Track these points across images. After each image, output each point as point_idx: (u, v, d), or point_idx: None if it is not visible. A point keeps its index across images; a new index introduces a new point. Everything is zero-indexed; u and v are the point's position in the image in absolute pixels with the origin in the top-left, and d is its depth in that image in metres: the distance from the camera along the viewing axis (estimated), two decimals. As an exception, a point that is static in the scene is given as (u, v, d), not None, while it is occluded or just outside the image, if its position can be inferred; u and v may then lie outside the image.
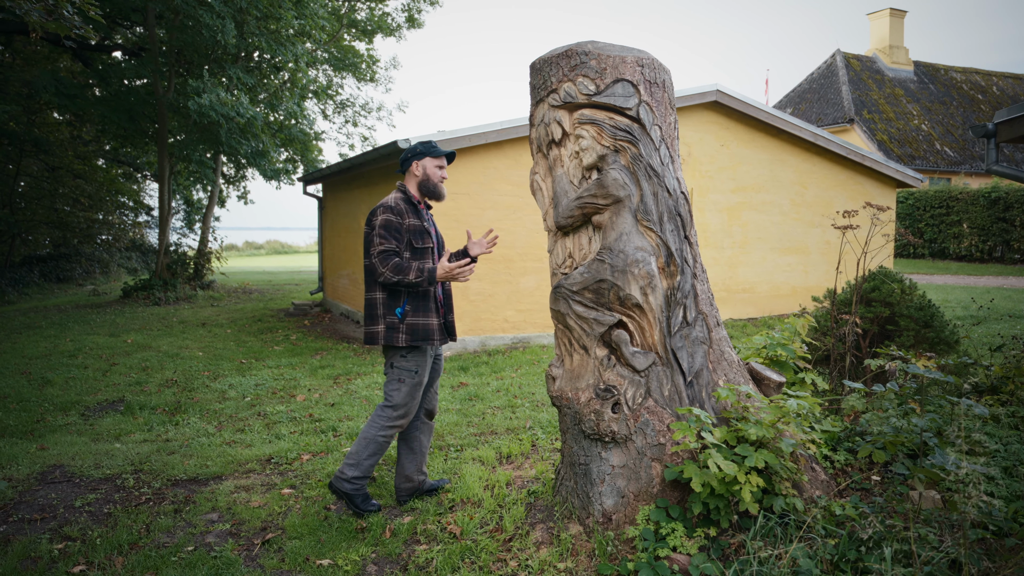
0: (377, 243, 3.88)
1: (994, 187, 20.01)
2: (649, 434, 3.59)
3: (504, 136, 9.25)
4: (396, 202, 4.01)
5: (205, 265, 17.82)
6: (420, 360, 4.00)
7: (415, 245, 3.97)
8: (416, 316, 3.94)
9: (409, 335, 3.92)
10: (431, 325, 3.98)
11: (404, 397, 3.98)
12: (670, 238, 3.71)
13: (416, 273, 3.83)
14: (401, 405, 3.98)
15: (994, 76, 30.86)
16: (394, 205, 3.98)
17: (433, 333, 3.98)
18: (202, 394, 7.25)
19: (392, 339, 3.92)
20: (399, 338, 3.92)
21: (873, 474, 3.90)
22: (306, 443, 5.48)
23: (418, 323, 3.94)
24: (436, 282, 3.89)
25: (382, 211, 3.94)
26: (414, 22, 19.57)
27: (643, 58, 3.82)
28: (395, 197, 4.07)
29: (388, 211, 3.94)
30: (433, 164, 4.13)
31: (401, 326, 3.92)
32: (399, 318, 3.92)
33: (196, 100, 12.22)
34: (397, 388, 3.98)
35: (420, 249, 3.99)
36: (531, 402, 6.49)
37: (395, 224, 3.91)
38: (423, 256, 3.99)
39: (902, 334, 4.70)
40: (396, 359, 3.98)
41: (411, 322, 3.93)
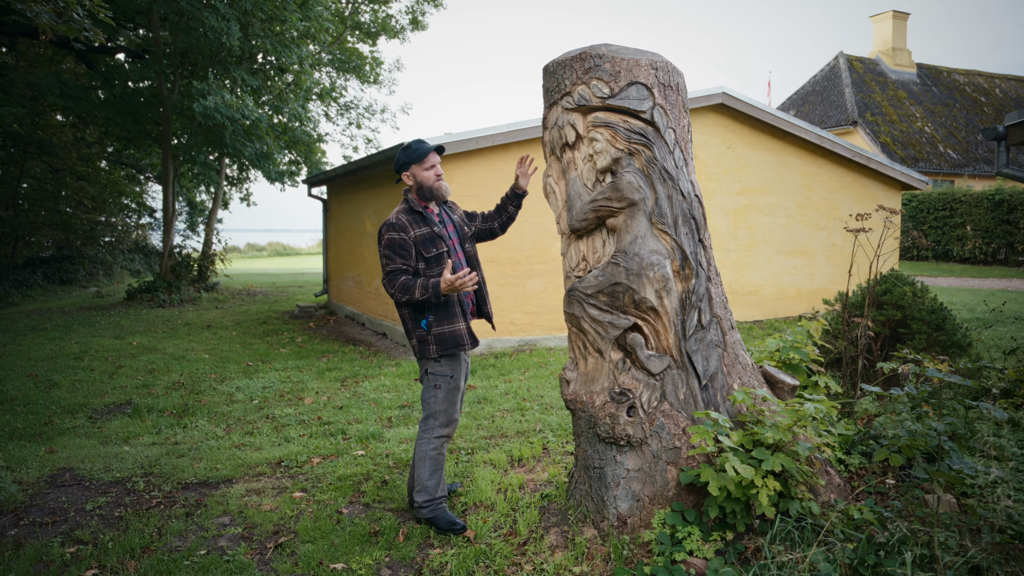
0: (384, 264, 3.86)
1: (998, 189, 19.99)
2: (664, 437, 3.58)
3: (510, 139, 9.24)
4: (398, 217, 3.92)
5: (209, 267, 17.82)
6: (454, 364, 3.97)
7: (425, 255, 3.89)
8: (441, 325, 3.89)
9: (439, 345, 3.89)
10: (458, 331, 3.93)
11: (442, 403, 3.94)
12: (685, 241, 3.70)
13: (421, 290, 3.75)
14: (441, 412, 3.94)
15: (997, 78, 30.85)
16: (396, 221, 3.89)
17: (462, 338, 3.93)
18: (209, 397, 7.24)
19: (425, 351, 3.91)
20: (431, 349, 3.89)
21: (888, 478, 3.89)
22: (316, 446, 5.47)
23: (444, 331, 3.90)
24: (443, 295, 3.79)
25: (386, 230, 3.89)
26: (418, 24, 19.57)
27: (657, 61, 3.81)
28: (398, 211, 3.98)
29: (391, 229, 3.87)
30: (420, 169, 3.98)
31: (429, 337, 3.89)
32: (425, 330, 3.89)
33: (201, 102, 12.22)
34: (434, 395, 3.94)
35: (432, 257, 3.91)
36: (540, 405, 6.48)
37: (398, 241, 3.84)
38: (438, 262, 3.91)
39: (914, 337, 4.69)
40: (430, 365, 3.95)
41: (437, 331, 3.89)
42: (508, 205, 4.38)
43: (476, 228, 4.36)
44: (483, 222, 4.40)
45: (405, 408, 6.57)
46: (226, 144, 14.27)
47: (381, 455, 5.17)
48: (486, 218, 4.42)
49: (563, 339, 9.91)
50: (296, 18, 13.52)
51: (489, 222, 4.41)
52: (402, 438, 5.58)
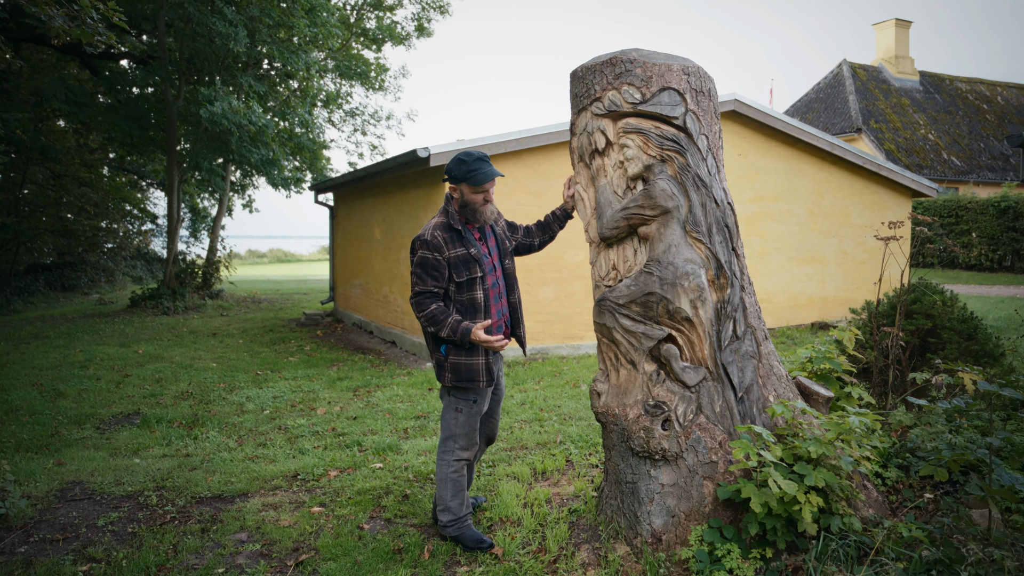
0: (414, 283, 3.67)
1: (1003, 196, 19.93)
2: (700, 451, 3.48)
3: (523, 145, 9.16)
4: (433, 234, 3.67)
5: (213, 274, 17.72)
6: (483, 389, 3.80)
7: (457, 278, 3.67)
8: (459, 355, 3.70)
9: (453, 374, 3.71)
10: (475, 365, 3.70)
11: (463, 427, 3.77)
12: (719, 250, 3.61)
13: (450, 331, 3.58)
14: (460, 435, 3.77)
15: (999, 86, 30.84)
16: (430, 239, 3.65)
17: (478, 374, 3.70)
18: (219, 407, 7.13)
19: (440, 376, 3.76)
20: (446, 376, 3.74)
21: (926, 492, 3.79)
22: (332, 459, 5.36)
23: (461, 363, 3.70)
24: (469, 344, 3.64)
25: (419, 246, 3.67)
26: (424, 30, 19.52)
27: (688, 66, 3.73)
28: (434, 225, 3.73)
29: (424, 247, 3.64)
30: (471, 191, 3.72)
31: (446, 363, 3.72)
32: (443, 355, 3.73)
33: (208, 108, 12.14)
34: (454, 418, 3.77)
35: (464, 282, 3.69)
36: (558, 415, 6.37)
37: (431, 261, 3.63)
38: (470, 287, 3.70)
39: (945, 347, 4.60)
40: (455, 389, 3.79)
41: (455, 361, 3.70)
42: (554, 224, 4.23)
43: (517, 242, 4.19)
44: (524, 236, 4.23)
45: (420, 419, 6.46)
46: (232, 150, 14.19)
47: (400, 468, 5.06)
48: (528, 232, 4.25)
49: (575, 348, 9.81)
50: (304, 24, 13.46)
51: (530, 237, 4.24)
52: (420, 450, 5.48)
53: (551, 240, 4.30)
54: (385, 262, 11.42)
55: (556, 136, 9.37)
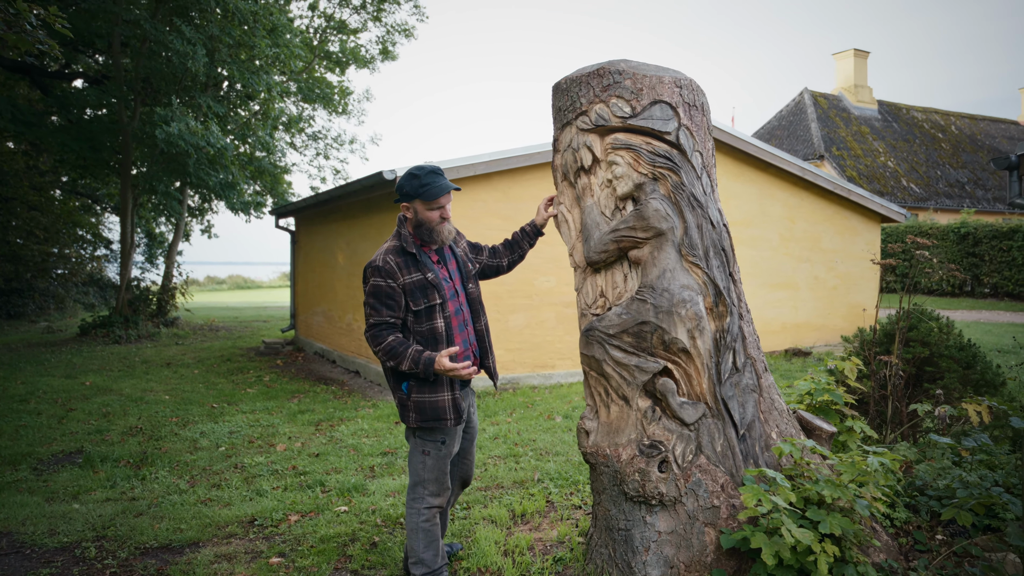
0: (368, 314, 3.31)
1: (962, 223, 20.22)
2: (701, 495, 3.18)
3: (493, 168, 8.89)
4: (386, 259, 3.32)
5: (169, 301, 17.08)
6: (446, 429, 3.43)
7: (414, 307, 3.32)
8: (422, 392, 3.33)
9: (418, 413, 3.33)
10: (441, 403, 3.33)
11: (432, 471, 3.40)
12: (717, 275, 3.34)
13: (411, 363, 3.22)
14: (430, 481, 3.40)
15: (952, 116, 31.59)
16: (382, 264, 3.30)
17: (444, 412, 3.33)
18: (171, 443, 6.66)
19: (404, 417, 3.39)
20: (410, 417, 3.36)
21: (936, 534, 3.54)
22: (292, 501, 4.94)
23: (425, 400, 3.32)
24: (434, 374, 3.27)
25: (371, 273, 3.32)
26: (388, 54, 19.28)
27: (681, 78, 3.48)
28: (386, 250, 3.38)
29: (376, 273, 3.29)
30: (425, 208, 3.37)
31: (409, 402, 3.34)
32: (405, 394, 3.35)
33: (164, 128, 11.68)
34: (422, 462, 3.40)
35: (422, 310, 3.34)
36: (534, 450, 6.04)
37: (385, 289, 3.28)
38: (429, 316, 3.35)
39: (943, 376, 4.38)
40: (421, 429, 3.42)
41: (418, 399, 3.33)
42: (523, 242, 3.90)
43: (482, 264, 3.84)
44: (491, 257, 3.88)
45: (388, 455, 6.07)
46: (189, 173, 13.70)
47: (367, 511, 4.67)
48: (494, 253, 3.89)
49: (547, 377, 9.50)
50: (265, 44, 13.10)
51: (497, 258, 3.89)
52: (388, 490, 5.09)
53: (520, 260, 3.96)
54: (348, 289, 11.02)
55: (527, 159, 9.12)
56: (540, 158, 9.20)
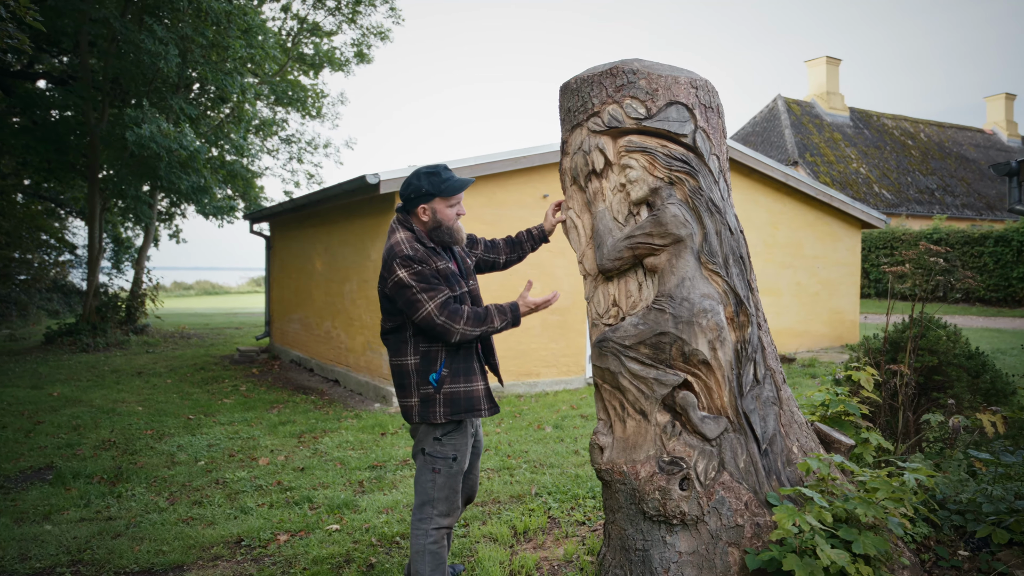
0: (425, 299, 3.03)
1: (935, 229, 20.47)
2: (725, 514, 3.03)
3: (478, 172, 8.72)
4: (413, 247, 3.12)
5: (138, 308, 16.62)
6: (460, 442, 3.22)
7: (452, 293, 3.17)
8: (456, 382, 3.16)
9: (449, 407, 3.14)
10: (476, 392, 3.20)
11: (442, 490, 3.19)
12: (737, 283, 3.21)
13: (500, 317, 3.13)
14: (440, 500, 3.19)
15: (921, 123, 32.09)
16: (413, 253, 3.09)
17: (479, 401, 3.20)
18: (147, 458, 6.38)
19: (429, 414, 3.15)
20: (437, 413, 3.14)
21: (960, 549, 3.43)
22: (280, 519, 4.72)
23: (459, 391, 3.16)
24: (520, 321, 3.21)
25: (404, 262, 3.07)
26: (364, 57, 19.02)
27: (696, 79, 3.35)
28: (404, 240, 3.15)
29: (411, 262, 3.07)
30: (445, 205, 3.23)
31: (438, 397, 3.13)
32: (435, 387, 3.14)
33: (135, 130, 11.33)
34: (431, 480, 3.19)
35: (457, 296, 3.21)
36: (527, 463, 5.87)
37: (428, 273, 3.08)
38: (462, 303, 3.22)
39: (953, 385, 4.30)
40: (428, 443, 3.19)
41: (450, 390, 3.15)
42: (526, 244, 3.74)
43: (477, 258, 3.66)
44: (486, 251, 3.69)
45: (376, 469, 5.86)
46: (160, 176, 13.33)
47: (360, 529, 4.47)
48: (492, 247, 3.72)
49: (532, 385, 9.33)
50: (239, 45, 12.79)
51: (495, 253, 3.71)
52: (381, 506, 4.89)
53: (519, 260, 3.80)
54: (327, 295, 10.77)
55: (513, 163, 8.97)
56: (526, 162, 9.06)
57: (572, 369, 9.70)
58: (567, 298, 9.65)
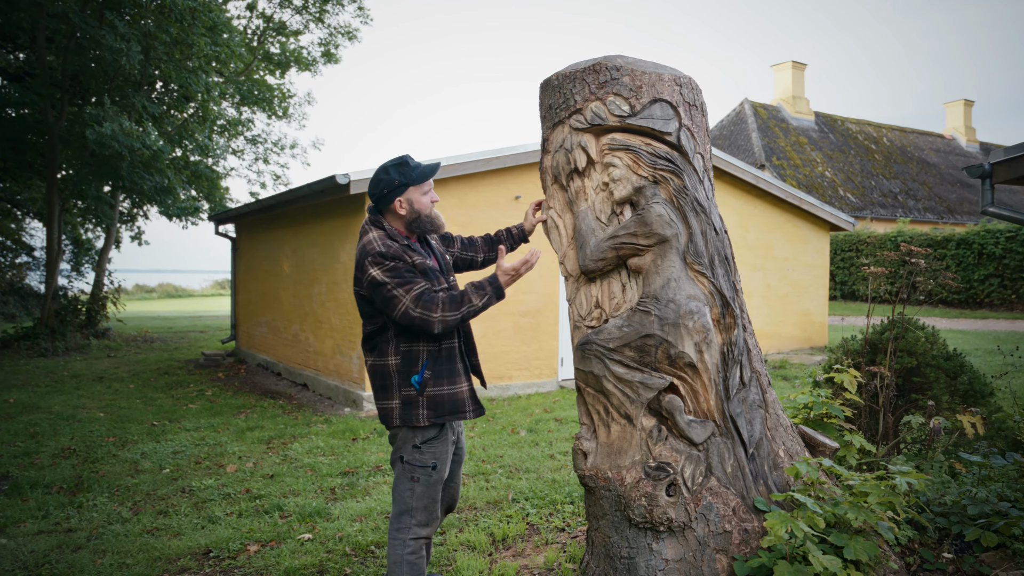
0: (401, 294, 2.90)
1: (899, 232, 20.78)
2: (712, 520, 2.97)
3: (449, 173, 8.62)
4: (385, 243, 2.99)
5: (99, 311, 16.20)
6: (440, 450, 3.09)
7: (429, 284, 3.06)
8: (439, 384, 3.05)
9: (432, 409, 3.03)
10: (460, 393, 3.09)
11: (421, 499, 3.07)
12: (723, 284, 3.15)
13: (479, 294, 2.95)
14: (418, 510, 3.07)
15: (884, 128, 32.64)
16: (386, 249, 2.96)
17: (464, 403, 3.09)
18: (109, 466, 6.16)
19: (411, 417, 3.02)
20: (420, 415, 3.02)
21: (944, 551, 3.41)
22: (249, 528, 4.57)
23: (443, 393, 3.05)
24: (504, 293, 3.06)
25: (376, 260, 2.95)
26: (331, 57, 18.79)
27: (680, 76, 3.29)
28: (379, 238, 3.03)
29: (383, 258, 2.95)
30: (419, 193, 3.13)
31: (420, 399, 3.01)
32: (417, 388, 3.02)
33: (96, 129, 11.02)
34: (410, 489, 3.06)
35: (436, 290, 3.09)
36: (503, 467, 5.77)
37: (403, 267, 2.96)
38: None
39: (931, 386, 4.30)
40: (407, 451, 3.06)
41: (433, 392, 3.03)
42: (505, 243, 3.59)
43: (454, 256, 3.54)
44: (464, 249, 3.58)
45: (348, 475, 5.72)
46: (122, 176, 12.99)
47: (333, 539, 4.33)
48: (469, 244, 3.60)
49: (504, 388, 9.24)
50: (204, 43, 12.53)
51: (472, 251, 3.60)
52: (354, 514, 4.75)
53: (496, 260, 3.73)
54: (295, 298, 10.57)
55: (484, 164, 8.88)
56: (498, 163, 8.97)
57: (545, 372, 9.63)
58: (539, 300, 9.58)
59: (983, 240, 18.58)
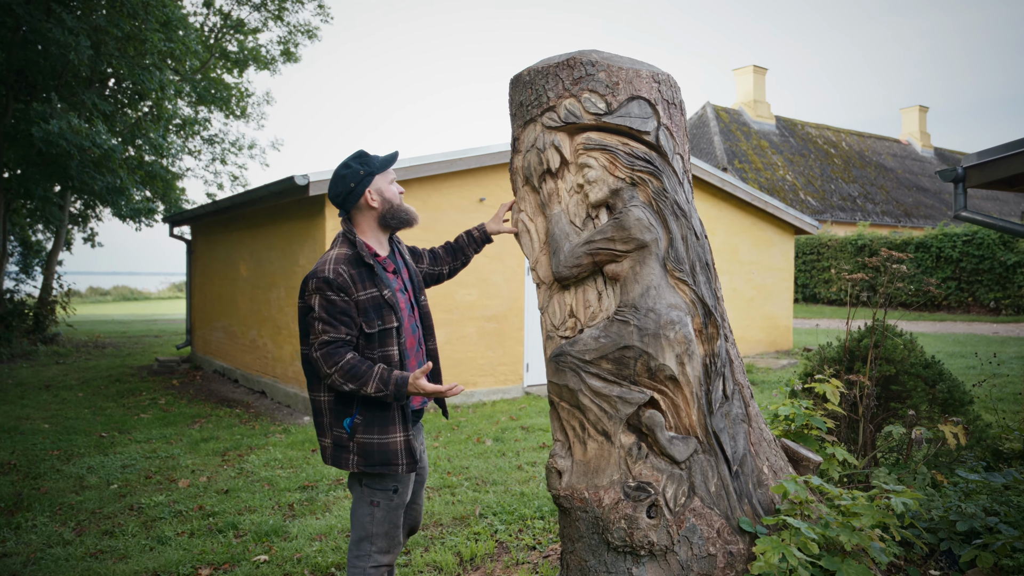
0: (320, 330, 2.71)
1: (859, 235, 21.02)
2: (696, 543, 2.80)
3: (412, 175, 8.39)
4: (337, 270, 2.75)
5: (48, 315, 15.61)
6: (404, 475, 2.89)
7: (367, 329, 2.78)
8: (370, 432, 2.77)
9: (363, 457, 2.77)
10: (392, 444, 2.79)
11: (381, 524, 2.85)
12: (705, 292, 2.99)
13: (378, 384, 2.66)
14: (379, 536, 2.85)
15: (843, 133, 33.12)
16: (334, 278, 2.73)
17: (396, 456, 2.79)
18: (51, 482, 5.82)
19: (341, 461, 2.80)
20: (350, 460, 2.78)
21: (931, 568, 3.29)
22: (202, 550, 4.30)
23: (372, 441, 2.77)
24: (406, 399, 2.75)
25: (320, 286, 2.73)
26: (291, 56, 18.40)
27: (658, 73, 3.13)
28: (336, 259, 2.80)
29: (327, 287, 2.72)
30: (385, 182, 2.94)
31: (351, 444, 2.78)
32: (347, 432, 2.78)
33: (42, 126, 10.56)
34: (369, 515, 2.84)
35: (375, 333, 2.80)
36: (469, 480, 5.56)
37: (340, 305, 2.72)
38: (384, 343, 2.82)
39: (911, 395, 4.20)
40: (365, 476, 2.85)
41: (363, 440, 2.77)
42: (468, 248, 3.43)
43: (423, 272, 3.34)
44: (431, 264, 3.38)
45: (307, 490, 5.47)
46: (72, 176, 12.50)
47: (291, 560, 4.09)
48: (434, 259, 3.40)
49: (469, 395, 9.03)
50: (158, 38, 12.11)
51: (438, 265, 3.40)
52: (313, 533, 4.51)
53: (463, 267, 3.49)
54: (253, 302, 10.24)
55: (448, 165, 8.67)
56: (462, 164, 8.77)
57: (510, 378, 9.44)
58: (504, 305, 9.39)
59: (941, 244, 18.87)
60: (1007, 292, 17.93)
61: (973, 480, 3.24)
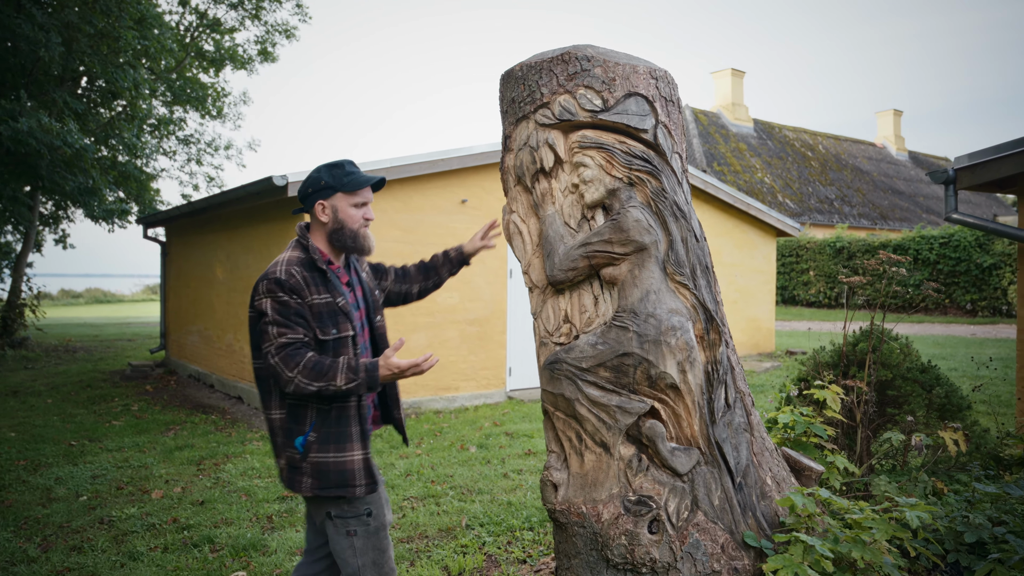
0: (275, 334, 2.50)
1: (838, 237, 21.14)
2: (700, 559, 2.68)
3: (393, 175, 8.22)
4: (289, 271, 2.58)
5: (16, 319, 15.21)
6: (370, 496, 2.67)
7: (322, 336, 2.59)
8: (325, 450, 2.57)
9: (317, 479, 2.56)
10: (349, 464, 2.59)
11: (367, 554, 2.64)
12: (706, 296, 2.87)
13: (347, 375, 2.45)
14: (367, 567, 2.64)
15: (819, 136, 33.38)
16: (287, 279, 2.56)
17: (353, 476, 2.59)
18: (16, 494, 5.58)
19: (295, 484, 2.59)
20: (303, 484, 2.57)
21: (934, 583, 3.20)
22: (176, 566, 4.11)
23: (328, 460, 2.57)
24: (380, 385, 2.53)
25: (275, 288, 2.54)
26: (268, 55, 18.13)
27: (656, 69, 3.01)
28: (288, 262, 2.63)
29: (279, 288, 2.54)
30: (348, 203, 2.74)
31: (304, 465, 2.57)
32: (300, 452, 2.57)
33: (11, 125, 10.25)
34: (350, 547, 2.62)
35: (330, 341, 2.61)
36: (454, 489, 5.41)
37: (294, 307, 2.54)
38: (337, 349, 2.62)
39: (908, 400, 4.11)
40: (332, 504, 2.63)
41: (317, 459, 2.56)
42: (443, 269, 3.23)
43: (386, 290, 3.14)
44: (397, 282, 3.17)
45: (287, 500, 5.28)
46: (42, 176, 12.18)
47: (270, 575, 3.92)
48: (402, 276, 3.19)
49: (451, 400, 8.88)
50: (132, 36, 11.83)
51: (406, 284, 3.19)
52: (293, 546, 4.34)
53: (436, 288, 3.29)
54: (229, 306, 10.01)
55: (430, 166, 8.52)
56: (444, 165, 8.62)
57: (493, 383, 9.29)
58: (486, 308, 9.25)
59: (918, 246, 19.00)
60: (983, 294, 18.10)
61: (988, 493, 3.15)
